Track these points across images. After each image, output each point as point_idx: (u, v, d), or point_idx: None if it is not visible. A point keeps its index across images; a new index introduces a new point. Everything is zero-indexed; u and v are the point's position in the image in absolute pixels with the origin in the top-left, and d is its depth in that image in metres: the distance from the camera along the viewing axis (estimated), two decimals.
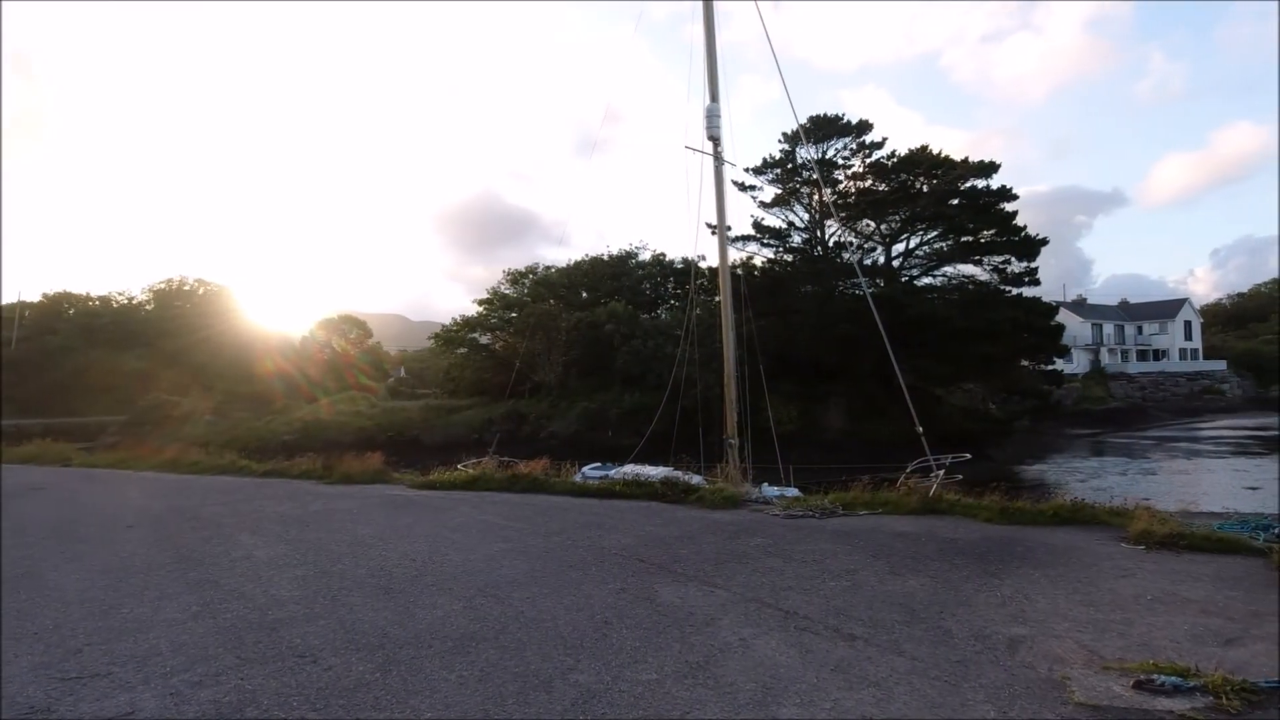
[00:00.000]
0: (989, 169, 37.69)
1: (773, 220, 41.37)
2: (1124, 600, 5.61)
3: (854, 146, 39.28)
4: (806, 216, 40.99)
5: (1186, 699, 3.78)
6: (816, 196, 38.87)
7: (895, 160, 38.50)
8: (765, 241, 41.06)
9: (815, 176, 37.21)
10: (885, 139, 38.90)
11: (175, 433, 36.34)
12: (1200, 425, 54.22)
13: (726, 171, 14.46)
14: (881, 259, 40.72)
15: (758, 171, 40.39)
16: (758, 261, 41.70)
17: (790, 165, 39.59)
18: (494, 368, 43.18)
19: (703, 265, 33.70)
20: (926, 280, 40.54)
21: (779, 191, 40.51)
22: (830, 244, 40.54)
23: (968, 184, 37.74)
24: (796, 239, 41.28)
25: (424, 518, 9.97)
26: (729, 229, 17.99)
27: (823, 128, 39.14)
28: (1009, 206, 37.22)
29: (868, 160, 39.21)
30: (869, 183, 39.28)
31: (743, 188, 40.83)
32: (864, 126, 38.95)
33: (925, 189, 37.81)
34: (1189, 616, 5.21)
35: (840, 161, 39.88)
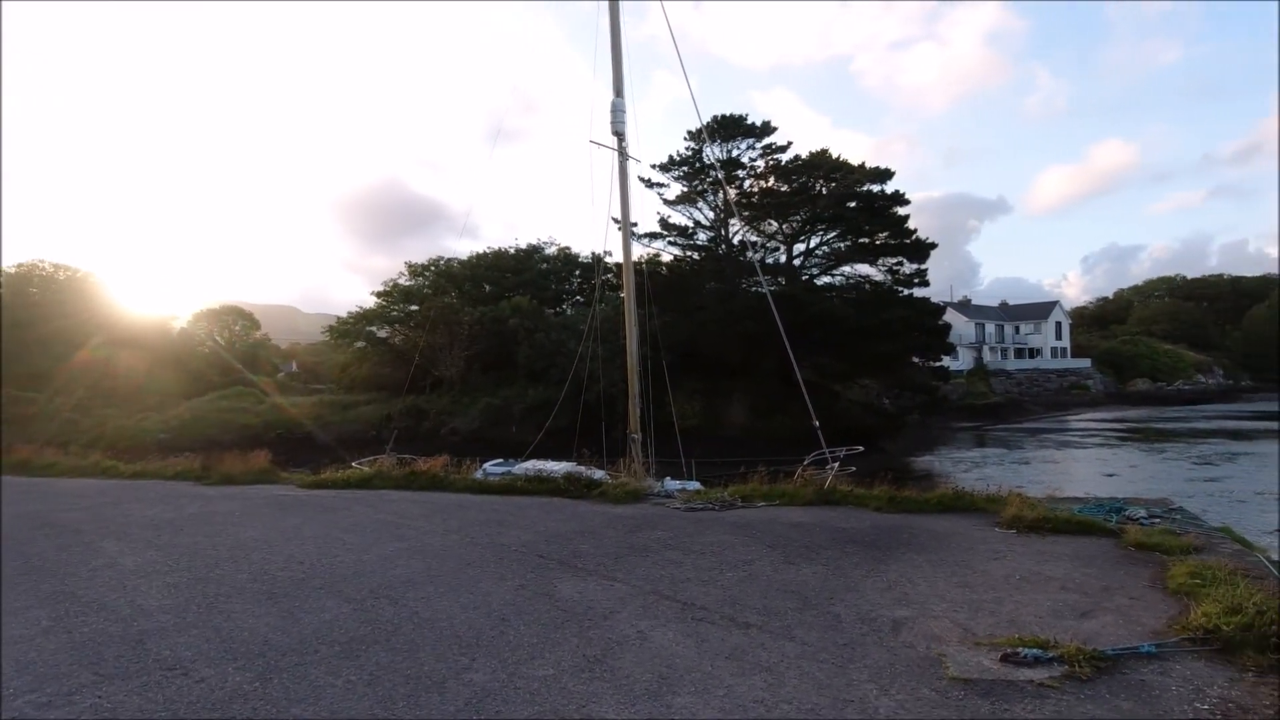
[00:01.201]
0: (884, 174, 39.45)
1: (679, 218, 41.89)
2: (995, 580, 5.99)
3: (759, 148, 40.27)
4: (711, 215, 41.72)
5: (1045, 669, 4.08)
6: (721, 195, 39.61)
7: (797, 162, 39.72)
8: (671, 240, 41.53)
9: (719, 175, 37.89)
10: (790, 142, 40.08)
11: (27, 432, 33.12)
12: (1068, 418, 58.85)
13: (632, 167, 14.51)
14: (783, 258, 41.94)
15: (664, 168, 40.74)
16: (664, 258, 42.14)
17: (697, 164, 40.16)
18: (393, 362, 41.74)
19: (609, 261, 33.79)
20: (826, 279, 42.06)
21: (685, 189, 41.04)
22: (734, 242, 41.43)
23: (864, 188, 39.39)
24: (702, 237, 41.95)
25: (314, 518, 9.52)
26: (634, 225, 18.07)
27: (727, 127, 39.90)
28: (902, 210, 39.11)
29: (771, 162, 40.27)
30: (771, 183, 40.35)
31: (649, 184, 41.13)
32: (766, 128, 39.98)
33: (825, 191, 39.19)
34: (1051, 593, 5.62)
35: (745, 162, 40.81)
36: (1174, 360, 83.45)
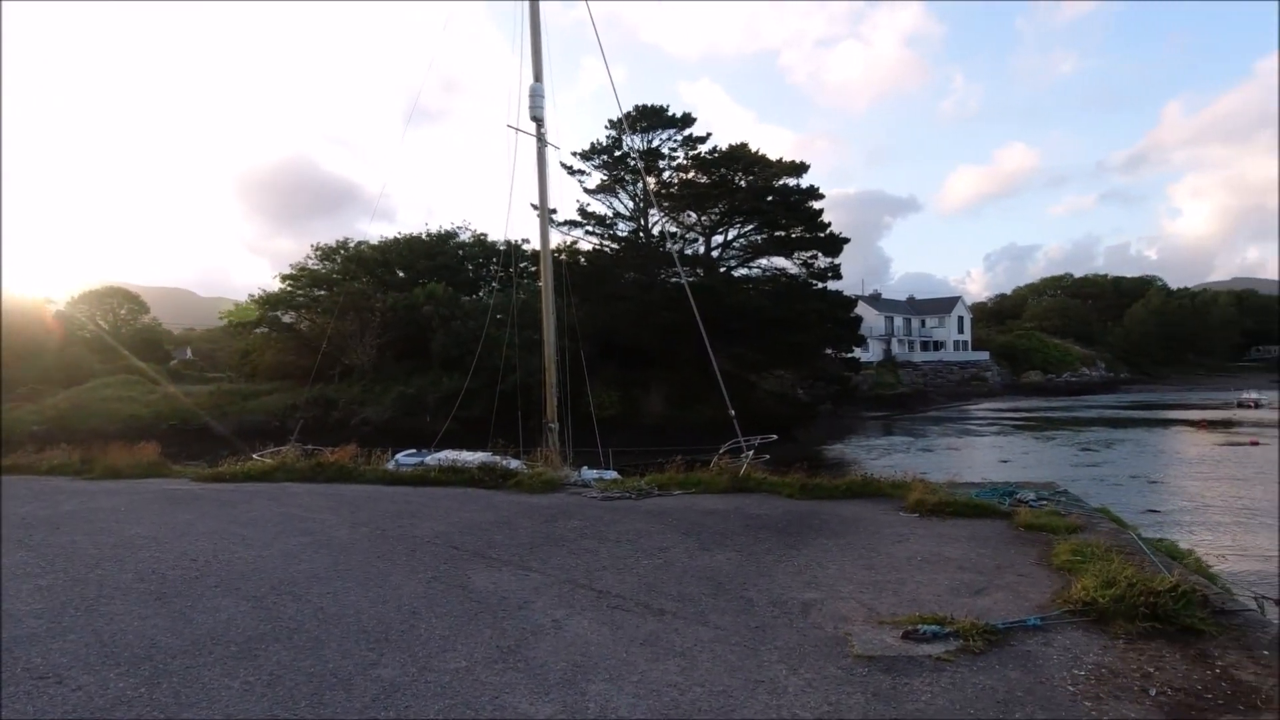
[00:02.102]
0: (800, 169, 40.41)
1: (598, 207, 41.74)
2: (899, 562, 6.25)
3: (679, 139, 40.51)
4: (631, 204, 41.76)
5: (943, 644, 4.29)
6: (641, 185, 39.68)
7: (716, 155, 40.17)
8: (590, 228, 41.35)
9: (639, 165, 37.93)
10: (710, 134, 40.48)
11: None
12: (969, 407, 62.23)
13: (551, 154, 14.35)
14: (702, 250, 42.45)
15: (585, 156, 40.47)
16: (584, 247, 41.93)
17: (617, 153, 40.06)
18: (299, 349, 39.91)
19: (528, 248, 33.37)
20: (743, 271, 42.82)
21: (605, 178, 40.90)
22: (654, 233, 41.60)
23: (781, 182, 40.25)
24: (621, 226, 41.95)
25: (210, 513, 9.01)
26: (554, 212, 17.91)
27: (648, 118, 39.93)
28: (816, 205, 40.20)
29: (690, 153, 40.60)
30: (691, 175, 40.68)
31: (570, 171, 40.79)
32: (687, 119, 40.22)
33: (743, 184, 39.82)
34: (949, 573, 5.91)
35: (665, 152, 40.97)
36: (1062, 354, 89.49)
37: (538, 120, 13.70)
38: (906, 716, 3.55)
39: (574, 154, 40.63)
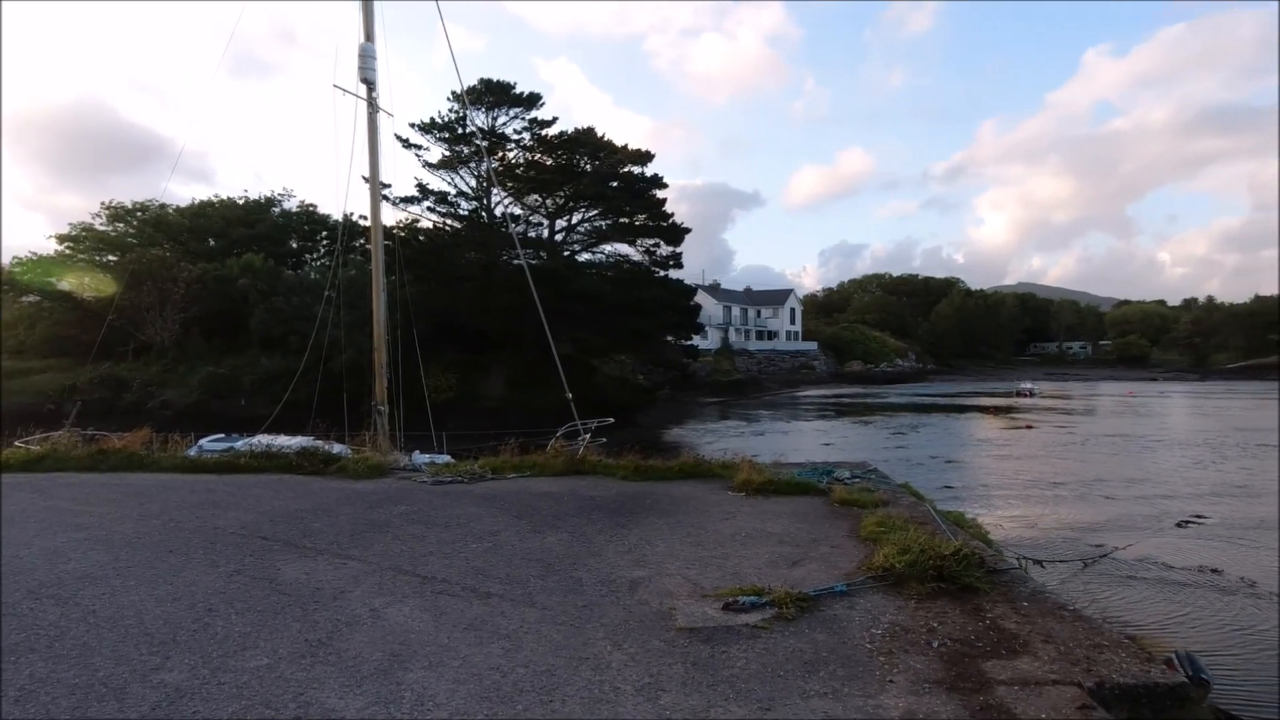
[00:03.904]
0: (644, 157, 41.03)
1: (439, 183, 40.13)
2: (724, 539, 6.50)
3: (526, 119, 39.75)
4: (474, 183, 40.52)
5: (760, 613, 4.50)
6: (485, 164, 38.61)
7: (563, 138, 39.83)
8: (430, 205, 39.67)
9: (481, 144, 36.86)
10: (556, 118, 40.04)
11: None
12: (798, 394, 66.46)
13: (386, 122, 13.53)
14: (546, 233, 42.06)
15: (425, 130, 38.71)
16: (424, 224, 40.19)
17: (460, 129, 38.65)
18: (82, 322, 35.10)
19: (365, 224, 31.46)
20: (586, 256, 42.96)
21: (447, 154, 39.36)
22: (497, 213, 40.66)
23: (626, 169, 40.66)
24: (464, 205, 40.61)
25: None
26: (389, 186, 16.95)
27: (494, 93, 38.84)
28: (660, 194, 41.04)
29: (536, 134, 39.97)
30: (537, 157, 40.10)
31: (407, 145, 38.86)
32: (534, 99, 39.56)
33: (589, 169, 39.82)
34: (769, 547, 6.22)
35: (510, 133, 40.08)
36: (880, 345, 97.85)
37: (369, 83, 12.84)
38: (722, 682, 3.67)
39: (412, 126, 38.78)
